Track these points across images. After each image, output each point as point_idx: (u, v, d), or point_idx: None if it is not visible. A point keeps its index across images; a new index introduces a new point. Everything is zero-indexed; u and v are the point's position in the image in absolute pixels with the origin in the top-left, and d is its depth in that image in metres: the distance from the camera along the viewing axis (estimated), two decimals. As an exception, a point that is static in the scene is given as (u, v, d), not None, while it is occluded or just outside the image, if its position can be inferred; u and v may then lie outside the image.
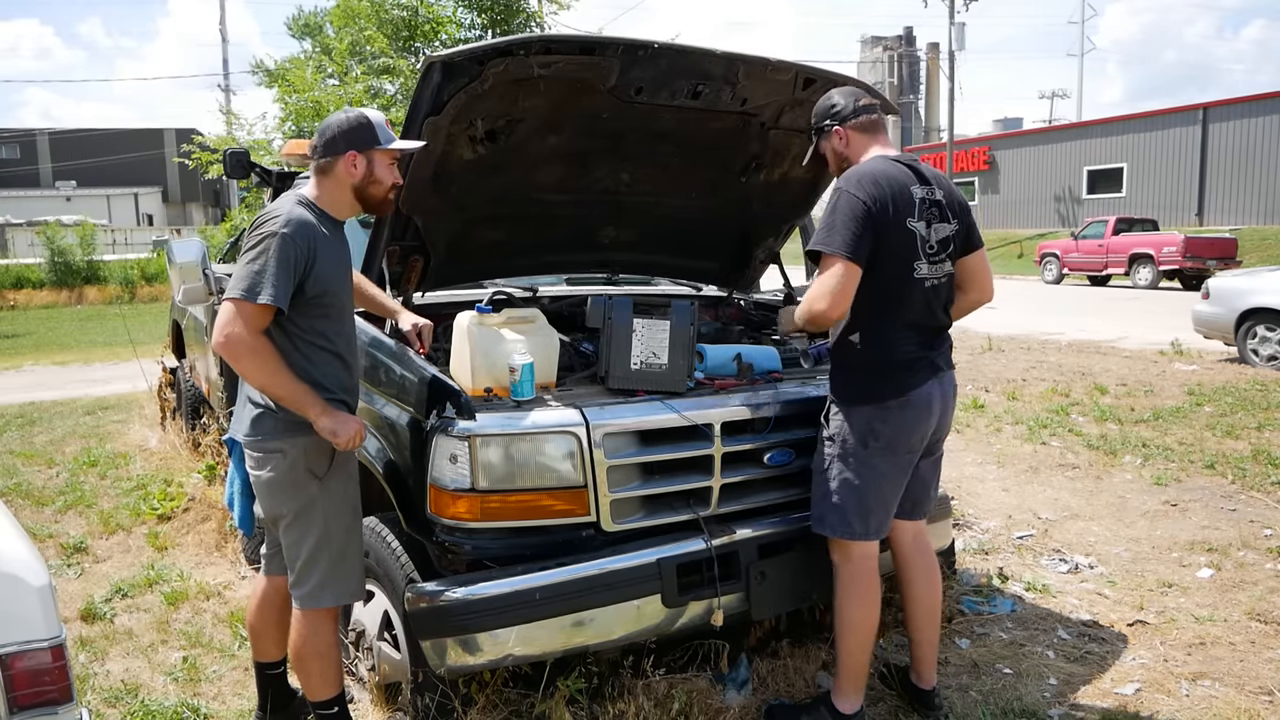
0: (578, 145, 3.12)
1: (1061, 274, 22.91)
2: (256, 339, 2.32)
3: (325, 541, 2.50)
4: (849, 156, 2.75)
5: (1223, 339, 9.56)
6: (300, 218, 2.39)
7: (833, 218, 2.54)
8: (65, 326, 16.91)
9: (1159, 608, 3.74)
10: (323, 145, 2.47)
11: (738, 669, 3.03)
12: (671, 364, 2.81)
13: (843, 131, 2.74)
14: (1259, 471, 5.50)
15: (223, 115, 19.71)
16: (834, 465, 2.69)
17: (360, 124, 2.47)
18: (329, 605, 2.55)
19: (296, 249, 2.34)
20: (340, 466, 2.52)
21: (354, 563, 2.61)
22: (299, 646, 2.57)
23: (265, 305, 2.30)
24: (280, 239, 2.32)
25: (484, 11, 16.04)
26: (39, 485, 5.81)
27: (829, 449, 2.71)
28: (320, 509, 2.49)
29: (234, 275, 2.34)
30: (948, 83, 32.63)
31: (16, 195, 43.66)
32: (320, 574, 2.51)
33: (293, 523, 2.49)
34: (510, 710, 2.75)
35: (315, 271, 2.39)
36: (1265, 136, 25.55)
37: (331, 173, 2.48)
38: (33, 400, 8.90)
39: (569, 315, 3.47)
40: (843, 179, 2.62)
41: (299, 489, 2.46)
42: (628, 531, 2.66)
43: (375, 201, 2.54)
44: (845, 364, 2.72)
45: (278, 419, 2.44)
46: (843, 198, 2.56)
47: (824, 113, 2.80)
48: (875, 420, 2.63)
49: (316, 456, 2.46)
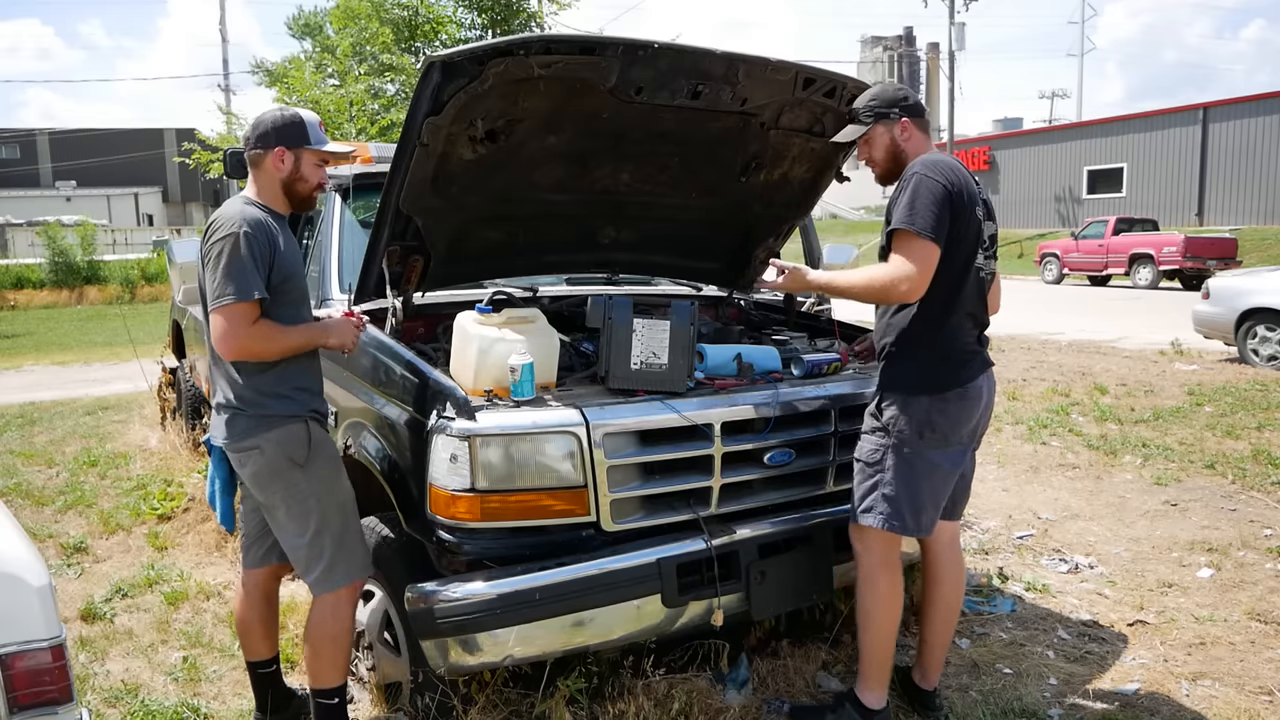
0: (578, 145, 3.12)
1: (1062, 274, 22.91)
2: (255, 328, 2.42)
3: (324, 523, 2.55)
4: (906, 151, 2.71)
5: (1223, 339, 9.56)
6: (252, 215, 2.47)
7: (913, 199, 2.50)
8: (65, 326, 16.91)
9: (1159, 608, 3.74)
10: (255, 138, 2.56)
11: (738, 669, 3.03)
12: (671, 364, 2.81)
13: (909, 124, 2.70)
14: (1259, 471, 5.50)
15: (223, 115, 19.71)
16: (888, 456, 2.64)
17: (292, 122, 2.57)
18: (344, 584, 2.59)
19: (258, 243, 2.42)
20: (319, 449, 2.58)
21: (357, 537, 2.67)
22: (316, 628, 2.61)
23: (255, 301, 2.40)
24: (242, 237, 2.40)
25: (484, 11, 16.06)
26: (39, 485, 5.81)
27: (880, 439, 2.66)
28: (310, 493, 2.54)
29: (211, 286, 2.42)
30: (948, 83, 32.62)
31: (16, 195, 43.70)
32: (328, 555, 2.56)
33: (287, 512, 2.55)
34: (510, 710, 2.76)
35: (278, 260, 2.48)
36: (1265, 136, 25.55)
37: (261, 165, 2.57)
38: (33, 400, 8.90)
39: (569, 315, 3.47)
40: (918, 165, 2.57)
41: (283, 478, 2.52)
42: (628, 531, 2.66)
43: (299, 198, 2.62)
44: (906, 352, 2.66)
45: (248, 417, 2.51)
46: (923, 182, 2.51)
47: (891, 100, 2.73)
48: (934, 411, 2.61)
49: (293, 445, 2.52)
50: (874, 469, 2.67)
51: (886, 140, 2.73)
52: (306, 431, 2.55)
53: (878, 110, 2.73)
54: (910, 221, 2.48)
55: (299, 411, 2.56)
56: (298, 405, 2.56)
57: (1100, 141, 30.52)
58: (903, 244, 2.51)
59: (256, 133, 2.56)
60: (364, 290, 3.05)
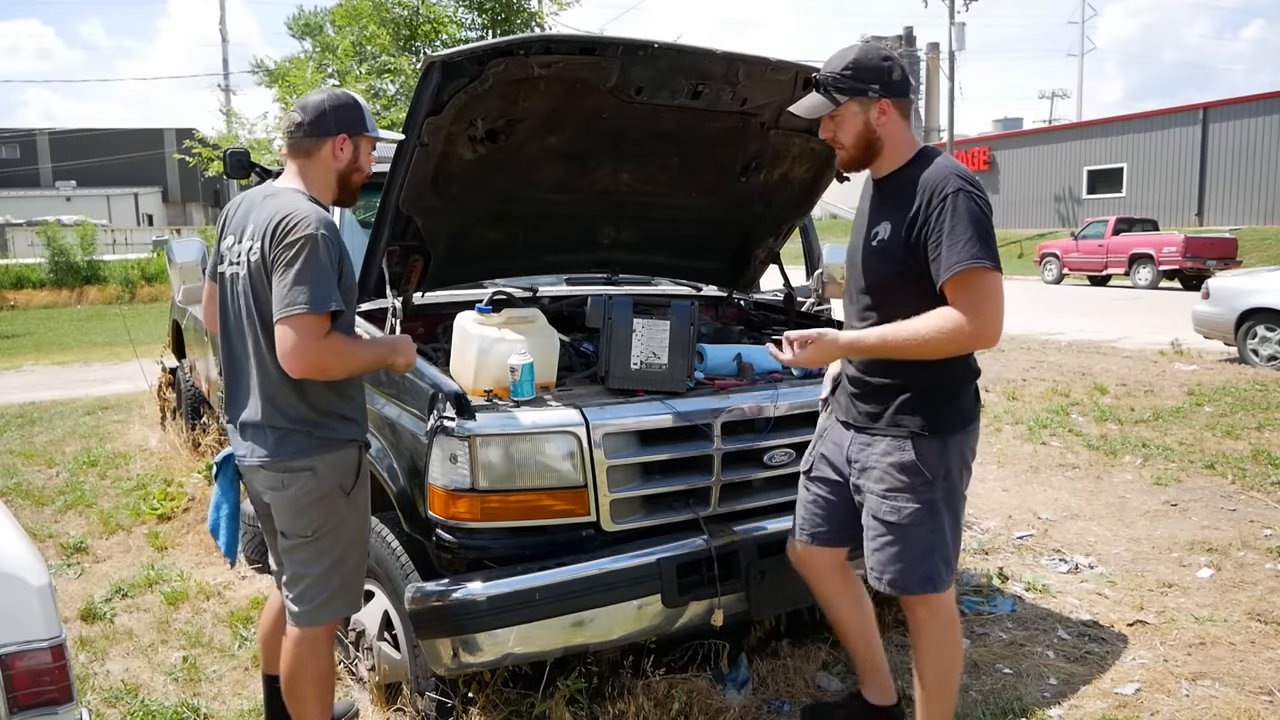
0: (578, 145, 3.12)
1: (1061, 274, 22.92)
2: (327, 342, 2.19)
3: (342, 559, 2.40)
4: (882, 138, 2.29)
5: (1223, 339, 9.56)
6: (326, 217, 2.25)
7: (970, 226, 2.14)
8: (65, 326, 16.90)
9: (1159, 608, 3.74)
10: (309, 123, 2.31)
11: (738, 669, 3.03)
12: (671, 364, 2.81)
13: (889, 106, 2.27)
14: (1259, 471, 5.50)
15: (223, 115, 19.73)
16: (938, 512, 2.30)
17: (351, 105, 2.35)
18: (330, 621, 2.44)
19: (333, 248, 2.21)
20: (364, 478, 2.44)
21: (360, 575, 2.52)
22: (296, 671, 2.43)
23: (329, 313, 2.18)
24: (320, 240, 2.17)
25: (484, 11, 16.06)
26: (39, 485, 5.81)
27: (924, 495, 2.28)
28: (347, 525, 2.39)
29: (281, 292, 2.16)
30: (948, 83, 32.65)
31: (16, 195, 43.69)
32: (330, 590, 2.39)
33: (312, 542, 2.35)
34: (510, 710, 2.75)
35: (344, 268, 2.28)
36: (1265, 136, 25.55)
37: (316, 155, 2.34)
38: (33, 400, 8.90)
39: (569, 315, 3.47)
40: (953, 177, 2.19)
41: (325, 504, 2.34)
42: (628, 531, 2.66)
43: (351, 190, 2.43)
44: (945, 392, 2.30)
45: (311, 437, 2.31)
46: (974, 201, 2.17)
47: (872, 72, 2.25)
48: (967, 447, 2.36)
49: (346, 470, 2.36)
50: (917, 531, 2.30)
51: (859, 123, 2.29)
52: (358, 457, 2.40)
53: (853, 84, 2.25)
54: (982, 256, 2.13)
55: (358, 436, 2.41)
56: (358, 429, 2.42)
57: (1100, 141, 30.52)
58: (980, 281, 2.15)
59: (310, 117, 2.30)
60: (364, 290, 3.05)
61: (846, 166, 2.41)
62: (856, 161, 2.36)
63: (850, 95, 2.26)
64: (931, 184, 2.21)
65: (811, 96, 2.32)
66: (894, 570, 2.34)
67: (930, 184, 2.21)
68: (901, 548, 2.32)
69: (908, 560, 2.32)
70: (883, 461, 2.33)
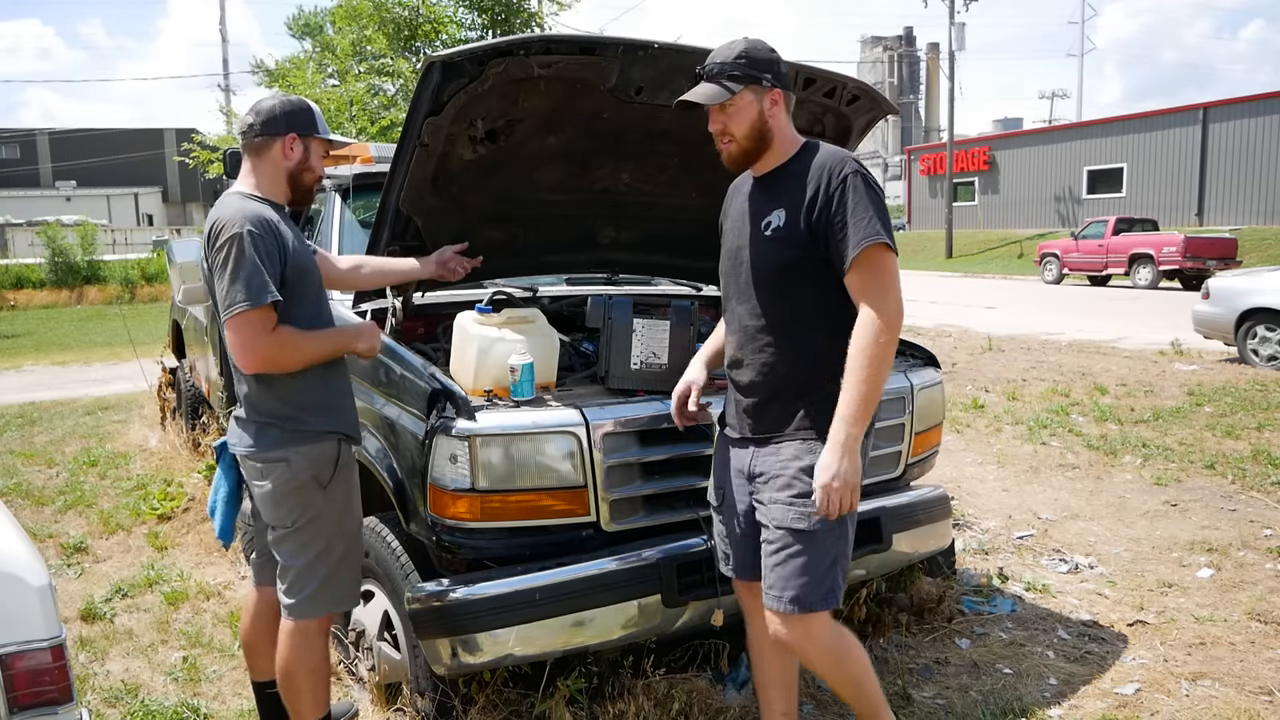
0: (578, 145, 3.12)
1: (1061, 274, 22.91)
2: (275, 335, 2.29)
3: (326, 551, 2.45)
4: (772, 129, 2.25)
5: (1223, 339, 9.55)
6: (253, 210, 2.32)
7: (868, 204, 2.12)
8: (65, 326, 16.90)
9: (1159, 608, 3.74)
10: (260, 124, 2.41)
11: (738, 669, 3.03)
12: (671, 364, 2.81)
13: (779, 96, 2.24)
14: (1259, 471, 5.50)
15: (223, 115, 19.74)
16: (844, 518, 2.20)
17: (302, 108, 2.46)
18: (322, 615, 2.48)
19: (265, 240, 2.28)
20: (343, 472, 2.48)
21: (353, 569, 2.56)
22: (289, 662, 2.47)
23: (270, 306, 2.26)
24: (247, 237, 2.25)
25: (484, 11, 16.06)
26: (39, 485, 5.81)
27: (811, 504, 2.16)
28: (325, 517, 2.43)
29: (222, 294, 2.27)
30: (948, 83, 32.63)
31: (16, 195, 43.69)
32: (316, 582, 2.44)
33: (293, 533, 2.42)
34: (510, 710, 2.75)
35: (290, 256, 2.35)
36: (1265, 136, 25.56)
37: (266, 154, 2.43)
38: (33, 400, 8.90)
39: (569, 315, 3.47)
40: (854, 160, 2.17)
41: (303, 498, 2.40)
42: (628, 531, 2.66)
43: (303, 189, 2.50)
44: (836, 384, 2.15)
45: (283, 430, 2.39)
46: (871, 183, 2.16)
47: (764, 62, 2.21)
48: (870, 446, 2.29)
49: (321, 463, 2.42)
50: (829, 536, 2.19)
51: (754, 113, 2.22)
52: (337, 450, 2.45)
53: (748, 72, 2.19)
54: (882, 233, 2.11)
55: (334, 427, 2.45)
56: (333, 421, 2.46)
57: (1100, 141, 30.53)
58: (882, 259, 2.12)
59: (262, 118, 2.41)
60: (364, 290, 3.05)
61: (735, 162, 2.32)
62: (746, 155, 2.28)
63: (745, 84, 2.19)
64: (828, 166, 2.18)
65: (705, 85, 2.22)
66: (798, 585, 2.18)
67: (827, 166, 2.18)
68: (808, 558, 2.18)
69: (814, 574, 2.18)
70: (791, 466, 2.22)
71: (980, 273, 26.32)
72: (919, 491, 3.29)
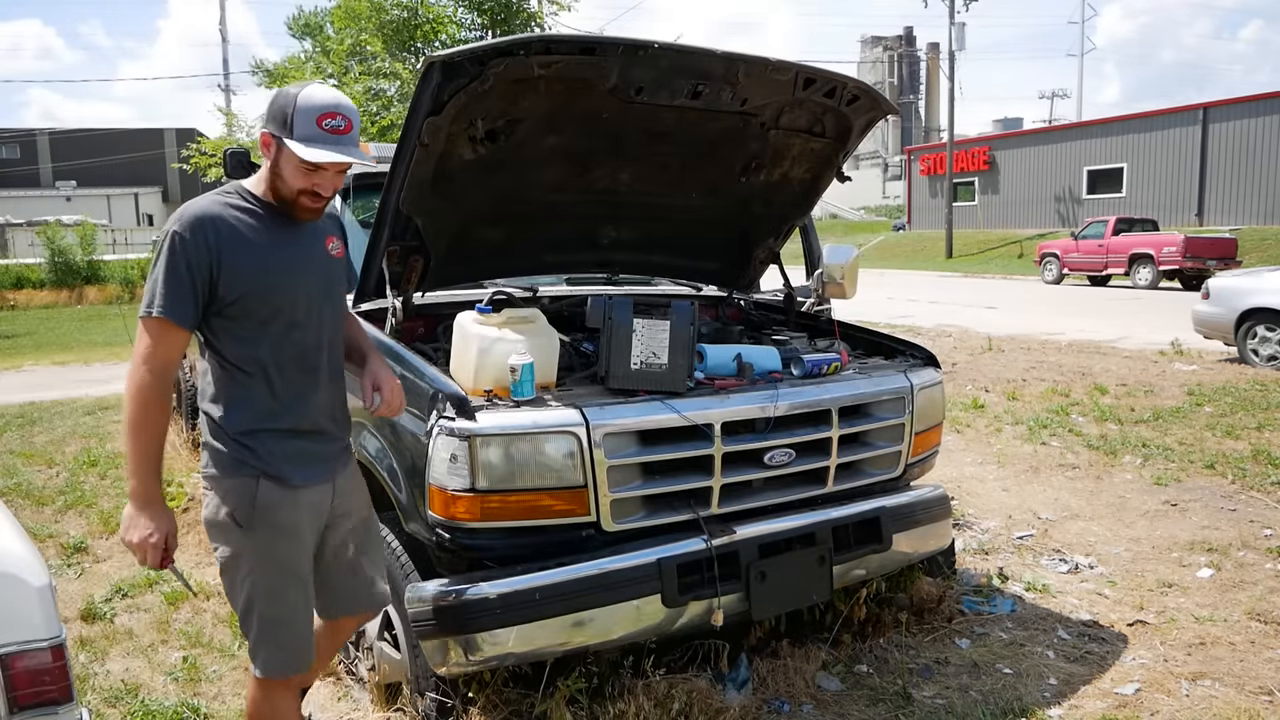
0: (578, 145, 3.12)
1: (1061, 274, 22.91)
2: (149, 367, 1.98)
3: (250, 603, 2.14)
4: None
5: (1223, 339, 9.55)
6: (197, 211, 2.02)
7: None
8: (65, 326, 16.91)
9: (1159, 608, 3.74)
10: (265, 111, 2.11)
11: (738, 669, 3.03)
12: (671, 364, 2.81)
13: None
14: (1259, 471, 5.50)
15: (223, 115, 19.73)
16: None
17: (282, 105, 2.03)
18: (266, 675, 2.18)
19: (185, 249, 1.97)
20: (266, 519, 2.09)
21: (288, 632, 2.17)
22: (252, 714, 2.28)
23: (160, 320, 1.96)
24: (175, 239, 1.97)
25: (484, 12, 16.06)
26: (39, 485, 5.81)
27: None
28: (244, 563, 2.12)
29: None
30: (948, 83, 32.63)
31: (16, 195, 43.69)
32: (253, 636, 2.17)
33: (223, 569, 2.17)
34: (510, 710, 2.75)
35: (226, 268, 2.00)
36: (1265, 136, 25.56)
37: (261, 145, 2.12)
38: (33, 400, 8.90)
39: (569, 315, 3.47)
40: None
41: (224, 533, 2.12)
42: (628, 531, 2.66)
43: (278, 197, 2.10)
44: None
45: (218, 453, 2.10)
46: None
47: None
48: None
49: (239, 501, 2.08)
50: None
51: None
52: (254, 490, 2.08)
53: None
54: None
55: (250, 462, 2.08)
56: (250, 455, 2.08)
57: (1100, 141, 30.52)
58: None
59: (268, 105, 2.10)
60: (364, 290, 3.05)
61: None
62: None
63: None
64: None
65: None
66: None
67: None
68: None
69: None
70: None
71: (980, 273, 26.33)
72: (919, 491, 3.29)
